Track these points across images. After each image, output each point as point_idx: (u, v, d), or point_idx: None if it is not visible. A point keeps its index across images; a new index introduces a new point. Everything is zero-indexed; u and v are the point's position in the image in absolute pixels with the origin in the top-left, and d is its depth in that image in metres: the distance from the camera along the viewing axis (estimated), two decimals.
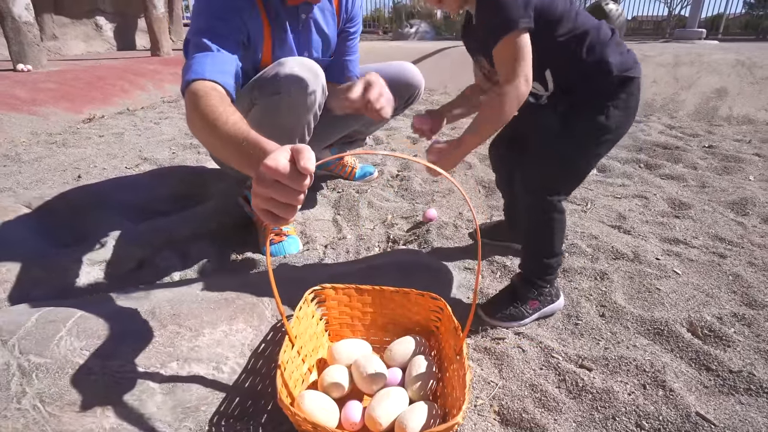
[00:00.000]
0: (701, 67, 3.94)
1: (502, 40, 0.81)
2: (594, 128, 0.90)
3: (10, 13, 3.71)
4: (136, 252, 1.27)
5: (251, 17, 1.10)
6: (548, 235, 0.96)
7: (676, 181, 1.84)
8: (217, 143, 0.80)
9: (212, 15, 1.02)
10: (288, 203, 0.60)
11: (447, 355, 0.80)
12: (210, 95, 0.85)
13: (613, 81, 0.88)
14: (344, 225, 1.49)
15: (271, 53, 1.20)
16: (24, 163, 2.27)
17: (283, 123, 1.14)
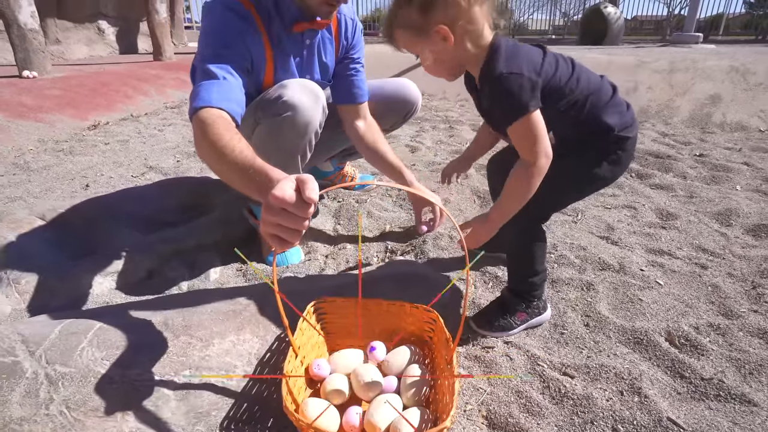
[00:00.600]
0: (696, 73, 4.00)
1: (515, 124, 0.86)
2: (587, 176, 0.98)
3: (16, 21, 3.78)
4: (145, 263, 1.34)
5: (254, 43, 1.16)
6: (530, 257, 1.03)
7: (665, 191, 1.91)
8: (225, 169, 0.87)
9: (218, 43, 1.08)
10: (294, 229, 0.67)
11: (439, 364, 0.86)
12: (217, 123, 0.91)
13: (611, 139, 0.95)
14: (344, 234, 1.55)
15: (273, 76, 1.26)
16: (33, 172, 2.33)
17: (286, 142, 1.20)
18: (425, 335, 0.96)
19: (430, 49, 0.91)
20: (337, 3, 1.18)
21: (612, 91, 0.97)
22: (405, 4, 0.89)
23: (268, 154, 1.09)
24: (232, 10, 1.13)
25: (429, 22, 0.88)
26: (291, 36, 1.24)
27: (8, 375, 0.76)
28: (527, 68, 0.86)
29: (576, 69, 0.94)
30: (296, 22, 1.22)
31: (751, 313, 1.11)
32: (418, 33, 0.90)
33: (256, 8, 1.17)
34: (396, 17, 0.92)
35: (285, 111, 1.14)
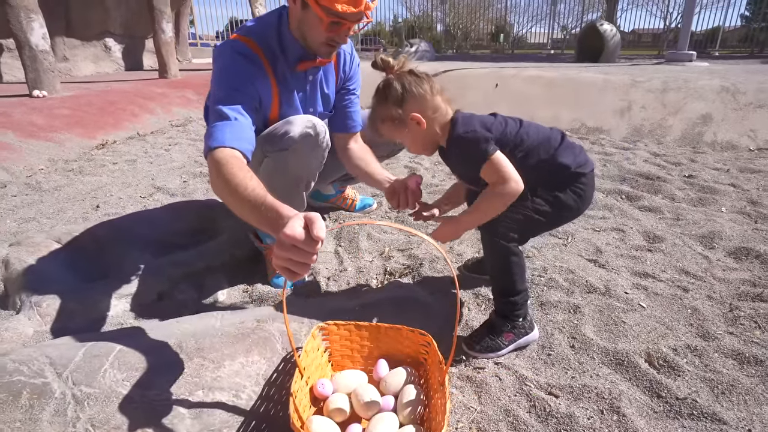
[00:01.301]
0: (688, 93, 4.10)
1: (484, 167, 1.06)
2: (552, 200, 1.11)
3: (28, 43, 3.90)
4: (156, 285, 1.42)
5: (262, 83, 1.25)
6: (508, 276, 1.11)
7: (653, 214, 1.99)
8: (238, 206, 0.95)
9: (230, 86, 1.17)
10: (303, 263, 0.75)
11: (432, 385, 0.94)
12: (231, 163, 1.00)
13: (569, 175, 1.11)
14: (345, 257, 1.63)
15: (279, 111, 1.35)
16: (45, 192, 2.42)
17: (292, 173, 1.29)
18: (420, 357, 1.03)
19: (409, 134, 1.13)
20: (337, 44, 1.26)
21: (561, 138, 1.14)
22: (383, 102, 1.12)
23: (275, 185, 1.19)
24: (241, 54, 1.22)
25: (405, 113, 1.11)
26: (295, 74, 1.34)
27: (39, 395, 0.83)
28: (479, 126, 1.10)
29: (524, 124, 1.15)
30: (300, 62, 1.31)
31: (727, 335, 1.18)
32: (397, 123, 1.13)
33: (263, 50, 1.26)
34: (378, 114, 1.15)
35: (291, 146, 1.23)
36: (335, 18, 1.16)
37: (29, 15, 3.86)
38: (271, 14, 1.32)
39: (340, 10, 1.13)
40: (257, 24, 1.31)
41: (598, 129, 3.91)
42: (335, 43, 1.26)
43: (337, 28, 1.21)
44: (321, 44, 1.25)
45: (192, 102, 4.93)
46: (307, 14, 1.19)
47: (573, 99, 4.38)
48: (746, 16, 19.81)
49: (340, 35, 1.24)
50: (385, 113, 1.13)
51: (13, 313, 1.26)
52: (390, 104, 1.11)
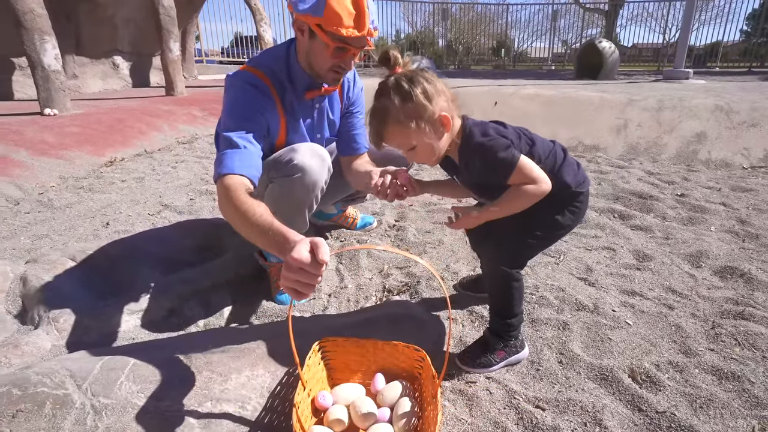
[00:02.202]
0: (683, 111, 4.20)
1: (513, 175, 1.03)
2: (551, 224, 1.14)
3: (41, 63, 4.03)
4: (165, 302, 1.49)
5: (270, 112, 1.34)
6: (508, 300, 1.17)
7: (644, 233, 2.05)
8: (247, 230, 1.03)
9: (240, 116, 1.25)
10: (309, 284, 0.83)
11: (426, 398, 1.00)
12: (239, 189, 1.08)
13: (569, 194, 1.13)
14: (346, 274, 1.70)
15: (286, 137, 1.44)
16: (56, 210, 2.50)
17: (296, 198, 1.38)
18: (415, 372, 1.10)
19: (426, 138, 1.04)
20: (342, 71, 1.34)
21: (563, 153, 1.16)
22: (402, 100, 1.00)
23: (280, 208, 1.27)
24: (251, 85, 1.31)
25: (430, 113, 1.01)
26: (302, 103, 1.43)
27: (61, 405, 0.90)
28: (496, 132, 1.07)
29: (532, 136, 1.13)
30: (307, 91, 1.40)
31: (708, 351, 1.24)
32: (415, 125, 1.01)
33: (272, 81, 1.35)
34: (390, 114, 1.01)
35: (296, 173, 1.31)
36: (340, 43, 1.23)
37: (43, 36, 3.99)
38: (280, 47, 1.41)
39: (345, 35, 1.19)
40: (267, 56, 1.40)
41: (595, 147, 3.99)
42: (341, 69, 1.33)
43: (343, 54, 1.28)
44: (327, 71, 1.33)
45: (197, 119, 5.05)
46: (314, 43, 1.27)
47: (571, 117, 4.48)
48: (746, 31, 20.07)
49: (346, 61, 1.31)
50: (403, 113, 1.00)
51: (31, 327, 1.33)
52: (412, 102, 0.99)
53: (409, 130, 1.03)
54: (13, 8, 3.86)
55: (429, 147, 1.06)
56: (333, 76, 1.35)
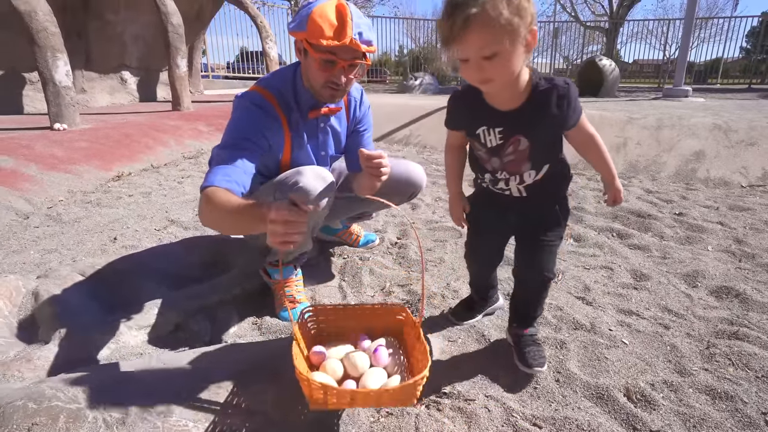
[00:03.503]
0: (681, 130, 4.25)
1: (581, 120, 1.11)
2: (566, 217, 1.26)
3: (52, 79, 4.13)
4: (173, 317, 1.53)
5: (274, 131, 1.41)
6: (542, 304, 1.32)
7: (641, 252, 2.09)
8: (226, 221, 1.15)
9: (238, 135, 1.32)
10: (297, 232, 0.92)
11: (412, 343, 1.11)
12: (216, 192, 1.16)
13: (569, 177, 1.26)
14: (348, 291, 1.74)
15: (291, 154, 1.50)
16: (65, 224, 2.56)
17: None
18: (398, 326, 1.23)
19: (511, 46, 0.90)
20: (336, 87, 1.37)
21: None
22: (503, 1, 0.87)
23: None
24: (255, 105, 1.38)
25: (523, 23, 0.89)
26: (308, 122, 1.49)
27: (74, 419, 0.94)
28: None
29: None
30: (311, 110, 1.47)
31: (702, 371, 1.27)
32: (513, 24, 0.87)
33: (278, 100, 1.42)
34: (484, 12, 0.86)
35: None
36: (325, 54, 1.28)
37: (55, 54, 4.10)
38: (289, 68, 1.48)
39: (325, 45, 1.24)
40: (275, 76, 1.47)
41: None
42: (334, 84, 1.35)
43: (331, 67, 1.31)
44: (322, 87, 1.37)
45: (203, 134, 5.14)
46: (307, 59, 1.34)
47: None
48: (746, 48, 20.28)
49: (336, 75, 1.33)
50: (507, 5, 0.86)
51: (43, 342, 1.37)
52: (512, 6, 0.87)
53: (503, 29, 0.88)
54: (28, 27, 3.96)
55: (511, 59, 0.92)
56: (329, 93, 1.39)
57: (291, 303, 1.58)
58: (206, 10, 8.00)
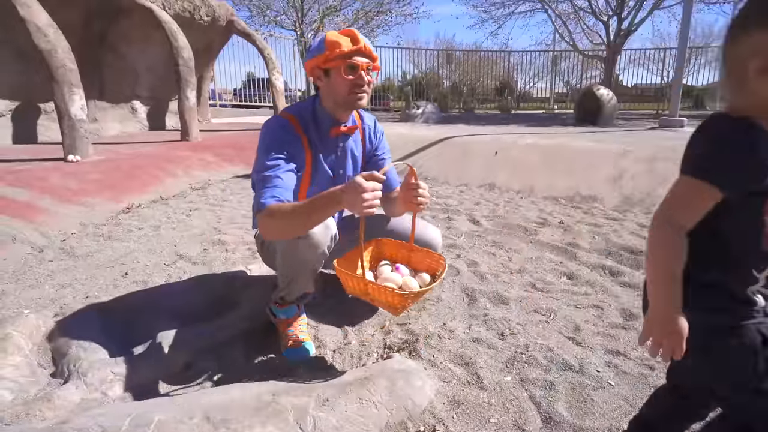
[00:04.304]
0: (675, 162, 4.32)
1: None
2: None
3: (68, 113, 4.31)
4: (182, 355, 1.61)
5: (298, 149, 1.56)
6: None
7: (632, 290, 2.17)
8: (297, 218, 1.34)
9: (270, 155, 1.48)
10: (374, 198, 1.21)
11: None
12: (274, 207, 1.36)
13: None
14: (349, 330, 1.82)
15: (311, 170, 1.65)
16: (78, 258, 2.66)
17: (301, 257, 1.54)
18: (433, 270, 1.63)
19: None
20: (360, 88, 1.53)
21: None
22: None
23: (286, 263, 1.56)
24: (279, 126, 1.56)
25: None
26: (327, 140, 1.66)
27: None
28: None
29: None
30: (330, 129, 1.64)
31: None
32: None
33: (299, 120, 1.60)
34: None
35: (301, 236, 1.47)
36: (347, 60, 1.48)
37: (72, 89, 4.29)
38: (308, 99, 1.68)
39: (347, 51, 1.46)
40: (296, 105, 1.68)
41: (592, 197, 4.14)
42: (359, 86, 1.53)
43: (354, 71, 1.51)
44: (349, 94, 1.53)
45: (211, 164, 5.29)
46: (330, 77, 1.53)
47: (568, 167, 4.67)
48: None
49: (360, 76, 1.51)
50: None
51: (61, 381, 1.45)
52: None
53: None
54: (48, 63, 4.17)
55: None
56: (354, 98, 1.55)
57: (294, 343, 1.67)
58: (215, 42, 8.30)
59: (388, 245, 1.73)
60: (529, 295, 2.10)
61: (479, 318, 1.89)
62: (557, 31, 16.40)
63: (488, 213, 3.63)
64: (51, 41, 4.18)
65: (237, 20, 8.09)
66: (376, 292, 1.40)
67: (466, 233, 3.07)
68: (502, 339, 1.74)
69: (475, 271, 2.37)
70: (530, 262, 2.54)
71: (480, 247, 2.80)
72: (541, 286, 2.21)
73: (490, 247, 2.78)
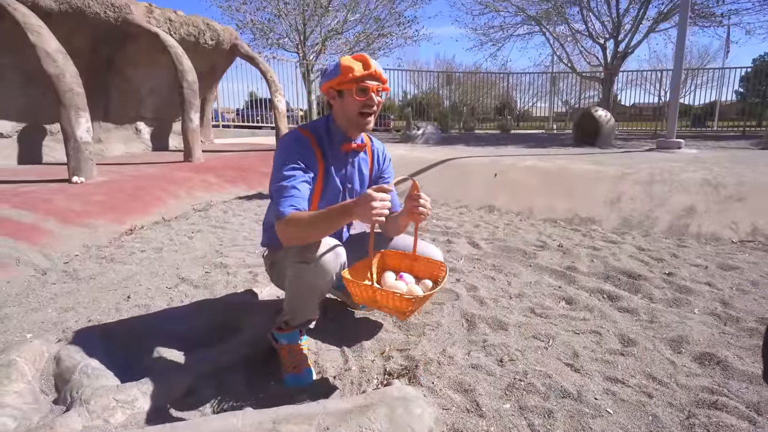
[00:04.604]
0: (672, 185, 4.41)
1: None
2: None
3: (74, 135, 4.38)
4: (184, 381, 1.62)
5: (312, 161, 1.66)
6: None
7: (630, 315, 2.18)
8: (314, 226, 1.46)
9: (286, 166, 1.58)
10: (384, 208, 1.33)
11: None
12: (292, 215, 1.48)
13: None
14: (350, 356, 1.83)
15: (323, 181, 1.73)
16: (81, 281, 2.69)
17: (308, 283, 1.58)
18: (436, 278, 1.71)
19: None
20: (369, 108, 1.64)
21: None
22: None
23: (293, 287, 1.61)
24: (295, 139, 1.67)
25: None
26: (338, 155, 1.76)
27: None
28: None
29: None
30: (342, 144, 1.74)
31: None
32: None
33: (314, 135, 1.71)
34: None
35: (311, 261, 1.52)
36: (359, 83, 1.59)
37: (78, 112, 4.37)
38: (322, 117, 1.79)
39: (359, 75, 1.57)
40: (311, 122, 1.79)
41: (591, 219, 4.18)
42: (368, 107, 1.64)
43: (365, 94, 1.61)
44: (358, 114, 1.64)
45: (213, 185, 5.35)
46: (343, 98, 1.64)
47: (567, 189, 4.72)
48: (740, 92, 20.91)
49: (370, 98, 1.62)
50: None
51: (63, 408, 1.46)
52: None
53: None
54: (56, 87, 4.26)
55: None
56: (363, 119, 1.66)
57: (295, 368, 1.68)
58: (219, 65, 8.46)
59: (392, 256, 1.83)
60: (528, 321, 2.12)
61: (478, 344, 1.91)
62: (555, 54, 16.71)
63: (488, 236, 3.66)
64: (59, 66, 4.29)
65: (241, 43, 8.26)
66: (383, 298, 1.46)
67: (465, 257, 3.10)
68: (501, 365, 1.76)
69: (475, 296, 2.39)
70: (529, 286, 2.56)
71: (479, 271, 2.83)
72: (540, 311, 2.23)
73: (490, 271, 2.81)
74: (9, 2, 4.55)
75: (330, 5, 14.71)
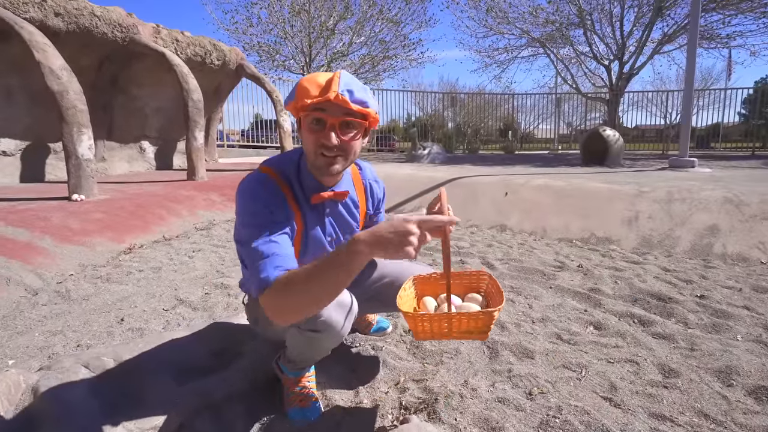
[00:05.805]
0: (692, 204, 4.24)
1: None
2: None
3: (75, 153, 4.28)
4: (176, 416, 1.44)
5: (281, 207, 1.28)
6: None
7: (666, 342, 1.99)
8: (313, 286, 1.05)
9: (253, 222, 1.22)
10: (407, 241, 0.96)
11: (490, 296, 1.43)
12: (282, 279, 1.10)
13: None
14: (360, 388, 1.65)
15: (301, 238, 1.38)
16: (73, 302, 2.53)
17: (319, 348, 1.44)
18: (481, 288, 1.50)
19: None
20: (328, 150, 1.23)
21: None
22: None
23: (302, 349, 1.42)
24: (257, 182, 1.28)
25: None
26: (312, 207, 1.38)
27: None
28: None
29: None
30: (313, 194, 1.35)
31: None
32: None
33: (280, 175, 1.33)
34: None
35: (321, 329, 1.31)
36: (312, 113, 1.19)
37: (80, 129, 4.28)
38: (295, 150, 1.40)
39: (308, 102, 1.17)
40: (279, 157, 1.40)
41: (608, 239, 4.00)
42: (325, 148, 1.22)
43: (320, 128, 1.21)
44: (316, 156, 1.25)
45: (216, 204, 5.22)
46: (301, 130, 1.26)
47: (582, 208, 4.55)
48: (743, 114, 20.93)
49: (326, 135, 1.20)
50: None
51: None
52: None
53: None
54: (58, 104, 4.18)
55: None
56: (323, 161, 1.25)
57: (302, 401, 1.50)
58: (225, 85, 8.45)
59: (421, 281, 1.53)
60: (555, 348, 1.93)
61: (503, 374, 1.72)
62: (560, 75, 16.76)
63: (502, 256, 3.49)
64: (63, 83, 4.22)
65: (247, 64, 8.27)
66: (458, 324, 1.22)
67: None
68: (530, 399, 1.57)
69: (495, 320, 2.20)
70: (552, 309, 2.38)
71: None
72: (567, 337, 2.04)
73: (508, 293, 2.63)
74: (16, 21, 4.53)
75: (336, 28, 14.86)
